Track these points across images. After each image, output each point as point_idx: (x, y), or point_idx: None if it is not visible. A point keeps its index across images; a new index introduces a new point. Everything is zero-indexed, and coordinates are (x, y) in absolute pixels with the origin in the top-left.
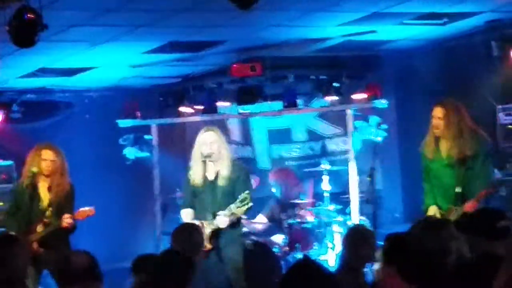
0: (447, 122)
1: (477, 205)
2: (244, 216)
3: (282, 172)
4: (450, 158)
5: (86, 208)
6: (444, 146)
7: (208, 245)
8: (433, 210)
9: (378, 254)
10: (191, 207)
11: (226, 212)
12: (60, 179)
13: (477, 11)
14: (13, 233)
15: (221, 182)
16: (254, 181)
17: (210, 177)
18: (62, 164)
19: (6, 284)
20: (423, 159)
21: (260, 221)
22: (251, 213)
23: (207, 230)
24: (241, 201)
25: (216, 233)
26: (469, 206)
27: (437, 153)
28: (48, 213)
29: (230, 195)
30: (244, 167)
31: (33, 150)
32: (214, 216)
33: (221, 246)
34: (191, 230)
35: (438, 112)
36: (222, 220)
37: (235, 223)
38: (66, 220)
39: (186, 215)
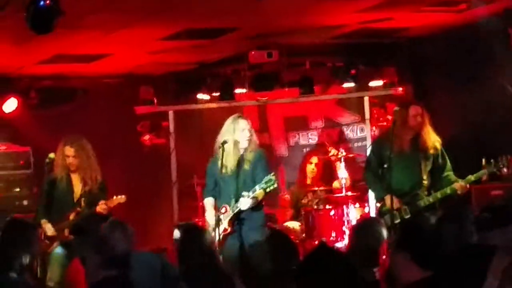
0: (423, 119)
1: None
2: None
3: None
4: (422, 150)
5: (118, 196)
6: (420, 139)
7: (228, 228)
8: (394, 197)
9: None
10: (213, 196)
11: (250, 193)
12: (90, 172)
13: None
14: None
15: (246, 165)
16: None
17: (236, 162)
18: (87, 158)
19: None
20: (384, 150)
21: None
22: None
23: (230, 213)
24: (266, 182)
25: (238, 217)
26: (459, 185)
27: (411, 144)
28: (82, 203)
29: (251, 180)
30: (264, 152)
31: (59, 145)
32: (237, 199)
33: (244, 230)
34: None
35: (419, 110)
36: (245, 201)
37: (257, 207)
38: (101, 205)
39: (209, 204)
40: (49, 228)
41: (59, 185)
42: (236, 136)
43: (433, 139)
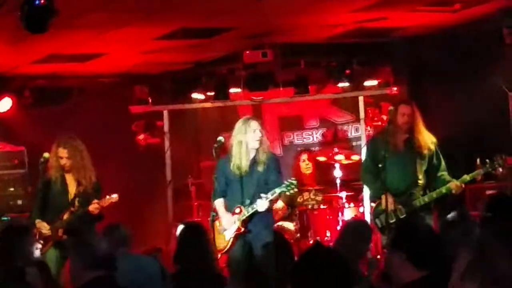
0: (414, 118)
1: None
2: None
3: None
4: (417, 150)
5: (111, 196)
6: (414, 139)
7: (242, 229)
8: (389, 197)
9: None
10: (223, 197)
11: (269, 195)
12: (84, 173)
13: None
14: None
15: (259, 166)
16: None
17: (249, 163)
18: (80, 159)
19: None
20: (379, 150)
21: (280, 208)
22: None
23: (245, 213)
24: (287, 185)
25: (251, 217)
26: (455, 185)
27: (405, 144)
28: (76, 203)
29: (264, 182)
30: (276, 156)
31: (53, 146)
32: (252, 201)
33: (257, 230)
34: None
35: (407, 109)
36: (263, 203)
37: (270, 209)
38: (93, 205)
39: (221, 206)
40: (44, 227)
41: (54, 186)
42: (247, 137)
43: (427, 139)
